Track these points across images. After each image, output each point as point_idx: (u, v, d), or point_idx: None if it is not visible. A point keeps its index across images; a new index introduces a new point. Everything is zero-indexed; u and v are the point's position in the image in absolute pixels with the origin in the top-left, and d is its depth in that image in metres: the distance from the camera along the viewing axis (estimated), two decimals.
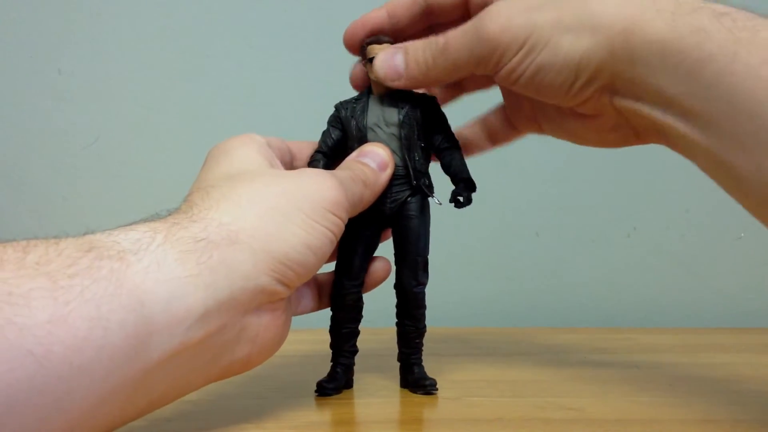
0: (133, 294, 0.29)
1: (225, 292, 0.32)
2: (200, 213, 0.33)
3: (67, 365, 0.26)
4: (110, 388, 0.28)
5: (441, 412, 0.39)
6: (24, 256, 0.27)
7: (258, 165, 0.37)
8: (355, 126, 0.41)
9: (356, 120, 0.41)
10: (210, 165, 0.38)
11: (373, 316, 0.46)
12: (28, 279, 0.26)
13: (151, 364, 0.29)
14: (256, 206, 0.34)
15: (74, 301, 0.27)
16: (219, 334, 0.32)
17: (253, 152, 0.38)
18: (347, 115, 0.42)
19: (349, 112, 0.42)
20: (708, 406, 0.40)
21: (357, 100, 0.42)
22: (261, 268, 0.33)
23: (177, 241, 0.31)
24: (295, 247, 0.34)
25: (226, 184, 0.35)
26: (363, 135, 0.41)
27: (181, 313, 0.30)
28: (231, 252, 0.32)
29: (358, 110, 0.42)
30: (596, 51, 0.36)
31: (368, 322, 0.44)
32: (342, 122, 0.42)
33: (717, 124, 0.33)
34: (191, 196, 0.35)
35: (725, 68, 0.32)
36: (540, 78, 0.37)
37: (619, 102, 0.37)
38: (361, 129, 0.41)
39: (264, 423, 0.37)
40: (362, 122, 0.41)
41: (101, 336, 0.27)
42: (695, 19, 0.34)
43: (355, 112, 0.42)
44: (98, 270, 0.28)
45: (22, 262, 0.27)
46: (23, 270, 0.27)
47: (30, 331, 0.25)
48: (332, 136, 0.42)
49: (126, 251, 0.30)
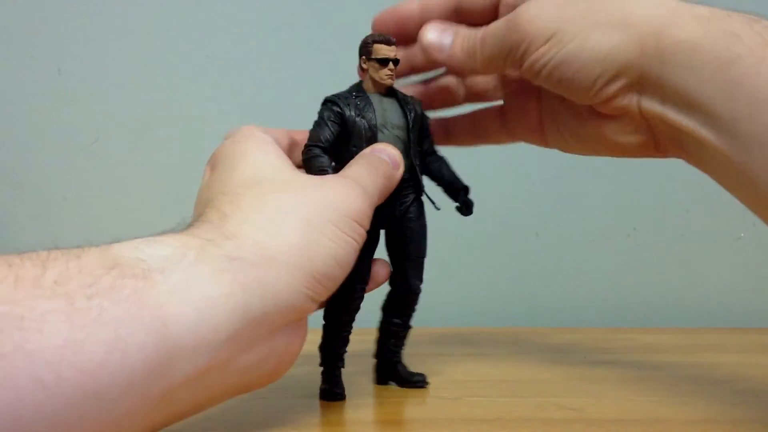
0: (155, 315, 0.27)
1: (257, 313, 0.31)
2: (233, 228, 0.32)
3: (80, 391, 0.25)
4: (126, 411, 0.27)
5: (441, 412, 0.39)
6: (42, 272, 0.26)
7: (280, 169, 0.36)
8: (365, 125, 0.40)
9: (365, 119, 0.40)
10: (228, 167, 0.37)
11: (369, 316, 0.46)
12: (44, 300, 0.25)
13: (173, 385, 0.28)
14: (289, 220, 0.33)
15: (91, 325, 0.25)
16: (247, 354, 0.31)
17: (272, 156, 0.37)
18: (352, 113, 0.40)
19: (353, 110, 0.40)
20: (708, 406, 0.40)
21: (355, 96, 0.41)
22: (295, 286, 0.32)
23: (211, 260, 0.30)
24: (326, 260, 0.33)
25: (253, 193, 0.34)
26: (373, 135, 0.40)
27: (208, 334, 0.29)
28: (266, 271, 0.31)
29: (365, 109, 0.40)
30: (626, 47, 0.36)
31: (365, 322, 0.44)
32: (344, 120, 0.40)
33: (739, 125, 0.33)
34: (218, 203, 0.34)
35: (751, 69, 0.33)
36: (566, 69, 0.37)
37: (645, 104, 0.37)
38: (371, 128, 0.40)
39: (265, 423, 0.37)
40: (372, 121, 0.40)
41: (119, 359, 0.26)
42: (728, 24, 0.34)
43: (362, 111, 0.40)
44: (120, 290, 0.27)
45: (40, 281, 0.26)
46: (39, 290, 0.25)
47: (41, 357, 0.24)
48: (332, 131, 0.40)
49: (152, 270, 0.28)
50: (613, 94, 0.37)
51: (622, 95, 0.37)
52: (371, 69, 0.41)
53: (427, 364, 0.43)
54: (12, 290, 0.25)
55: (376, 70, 0.41)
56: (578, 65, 0.37)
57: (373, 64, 0.41)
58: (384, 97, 0.41)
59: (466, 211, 0.42)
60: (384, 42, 0.41)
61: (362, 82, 0.42)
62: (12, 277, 0.25)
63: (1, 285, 0.25)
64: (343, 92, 0.41)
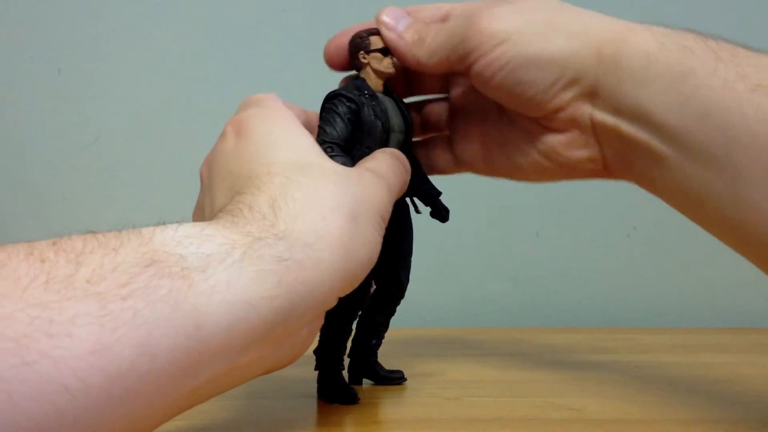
0: (190, 317, 0.26)
1: (297, 314, 0.30)
2: (285, 225, 0.31)
3: (105, 395, 0.24)
4: (150, 411, 0.26)
5: (441, 412, 0.39)
6: (76, 270, 0.25)
7: (320, 155, 0.35)
8: (381, 128, 0.39)
9: (381, 120, 0.39)
10: (266, 141, 0.35)
11: None
12: (75, 302, 0.24)
13: (198, 384, 0.28)
14: (337, 216, 0.32)
15: (123, 327, 0.24)
16: (274, 349, 0.31)
17: (310, 139, 0.36)
18: (371, 114, 0.39)
19: (370, 110, 0.39)
20: (708, 406, 0.40)
21: (366, 95, 0.39)
22: (337, 286, 0.32)
23: (258, 259, 0.29)
24: (362, 259, 0.33)
25: (306, 182, 0.33)
26: (387, 137, 0.40)
27: (241, 336, 0.28)
28: (313, 273, 0.30)
29: (378, 110, 0.39)
30: (584, 53, 0.37)
31: None
32: (360, 119, 0.39)
33: (690, 137, 0.34)
34: (267, 186, 0.33)
35: (703, 81, 0.34)
36: (522, 73, 0.37)
37: (597, 116, 0.37)
38: (387, 131, 0.40)
39: (265, 423, 0.37)
40: (388, 124, 0.40)
41: (147, 362, 0.25)
42: (682, 39, 0.35)
43: (378, 112, 0.39)
44: (156, 290, 0.26)
45: (72, 280, 0.25)
46: (71, 291, 0.24)
47: (67, 364, 0.23)
48: (348, 128, 0.39)
49: (191, 269, 0.27)
50: (567, 102, 0.38)
51: (575, 104, 0.38)
52: (374, 61, 0.40)
53: (427, 364, 0.43)
54: (42, 292, 0.24)
55: (380, 60, 0.40)
56: (535, 69, 0.37)
57: (375, 55, 0.40)
58: (386, 97, 0.41)
59: (443, 219, 0.43)
60: (379, 34, 0.41)
61: (361, 79, 0.41)
62: (43, 278, 0.25)
63: (31, 286, 0.24)
64: (348, 88, 0.40)
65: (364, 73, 0.41)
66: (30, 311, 0.23)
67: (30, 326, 0.23)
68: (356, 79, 0.41)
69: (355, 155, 0.39)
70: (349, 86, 0.40)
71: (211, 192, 0.36)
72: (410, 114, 0.42)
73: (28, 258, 0.25)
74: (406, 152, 0.40)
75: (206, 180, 0.37)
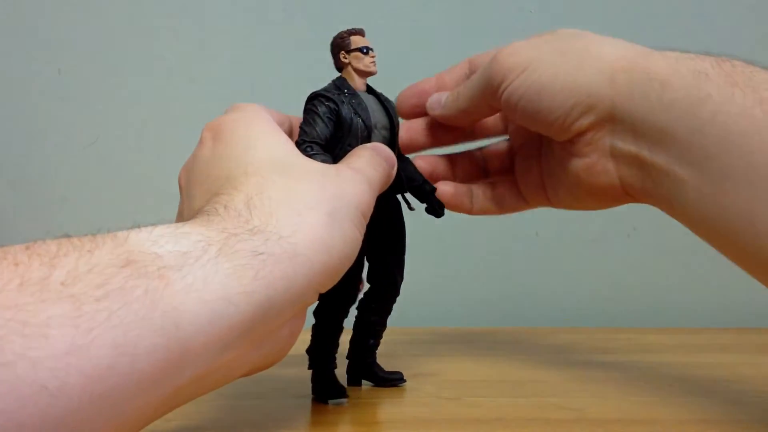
0: (167, 316, 0.26)
1: (275, 309, 0.30)
2: (260, 221, 0.31)
3: (87, 395, 0.24)
4: (135, 412, 0.27)
5: (441, 412, 0.39)
6: (50, 273, 0.25)
7: (299, 155, 0.36)
8: (362, 125, 0.40)
9: (361, 118, 0.40)
10: (242, 144, 0.36)
11: None
12: (50, 304, 0.24)
13: (181, 383, 0.28)
14: (314, 213, 0.33)
15: (98, 328, 0.24)
16: (256, 347, 0.31)
17: (288, 141, 0.37)
18: (349, 112, 0.39)
19: (349, 108, 0.40)
20: (708, 406, 0.40)
21: (347, 94, 0.40)
22: (315, 281, 0.32)
23: (234, 255, 0.29)
24: (341, 255, 0.33)
25: (282, 180, 0.34)
26: (369, 134, 0.40)
27: (221, 333, 0.28)
28: (290, 266, 0.31)
29: (359, 107, 0.40)
30: (597, 80, 0.38)
31: None
32: (340, 117, 0.39)
33: (710, 161, 0.34)
34: (243, 185, 0.33)
35: (721, 107, 0.34)
36: (540, 99, 0.38)
37: (618, 144, 0.38)
38: (368, 128, 0.40)
39: (261, 423, 0.37)
40: (368, 121, 0.40)
41: (127, 363, 0.25)
42: (696, 64, 0.36)
43: (357, 110, 0.40)
44: (131, 291, 0.26)
45: (46, 282, 0.25)
46: (45, 293, 0.24)
47: (45, 364, 0.23)
48: (329, 128, 0.39)
49: (167, 267, 0.27)
50: (586, 127, 0.38)
51: (595, 129, 0.38)
52: (354, 60, 0.41)
53: (427, 364, 0.43)
54: (16, 294, 0.24)
55: (360, 59, 0.41)
56: (550, 95, 0.38)
57: (356, 54, 0.41)
58: (369, 95, 0.41)
59: (438, 214, 0.43)
60: (359, 33, 0.41)
61: (343, 78, 0.41)
62: (17, 280, 0.25)
63: (5, 289, 0.24)
64: (328, 88, 0.41)
65: (346, 72, 0.41)
66: (3, 313, 0.23)
67: (3, 328, 0.23)
68: (337, 79, 0.41)
69: (338, 154, 0.39)
70: (329, 86, 0.41)
71: (189, 197, 0.36)
72: (395, 112, 0.42)
73: (1, 262, 0.25)
74: (393, 149, 0.40)
75: (184, 186, 0.38)
